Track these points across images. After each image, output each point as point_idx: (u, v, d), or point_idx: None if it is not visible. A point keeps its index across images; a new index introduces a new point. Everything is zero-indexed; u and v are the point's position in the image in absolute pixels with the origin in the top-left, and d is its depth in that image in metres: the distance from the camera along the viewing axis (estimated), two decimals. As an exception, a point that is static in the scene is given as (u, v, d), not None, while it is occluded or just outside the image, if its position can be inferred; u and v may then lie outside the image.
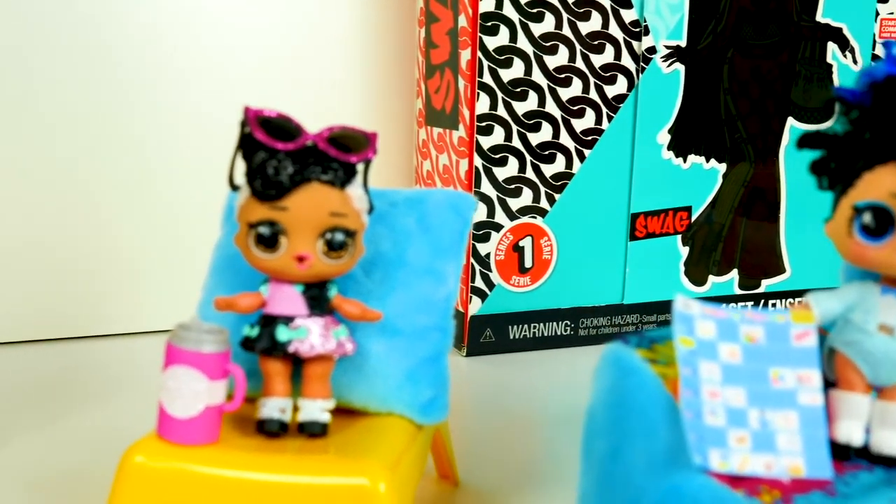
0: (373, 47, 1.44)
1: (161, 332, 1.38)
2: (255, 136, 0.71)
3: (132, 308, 1.36)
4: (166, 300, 1.37)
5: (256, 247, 0.72)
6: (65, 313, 1.33)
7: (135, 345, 1.35)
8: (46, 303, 1.32)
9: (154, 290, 1.37)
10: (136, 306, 1.36)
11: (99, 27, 1.28)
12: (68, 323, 1.33)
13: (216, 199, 1.31)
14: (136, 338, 1.37)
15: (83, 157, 1.31)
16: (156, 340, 1.36)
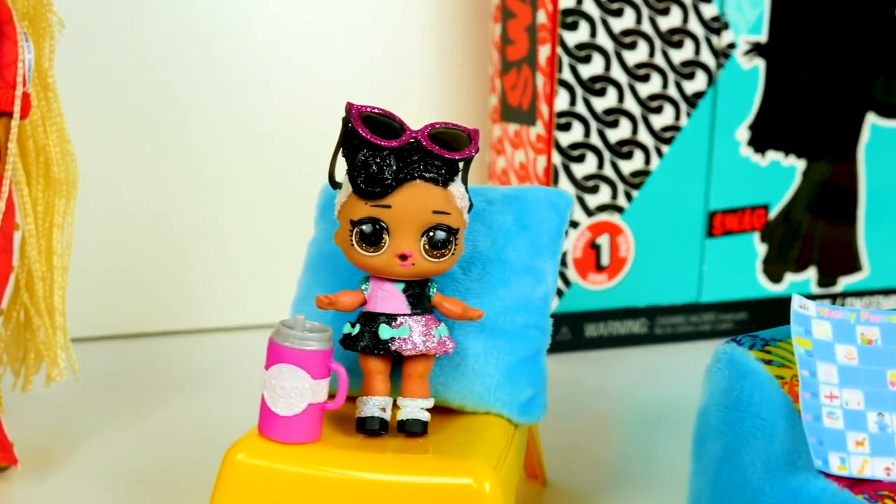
0: (446, 44, 1.44)
1: (247, 328, 1.38)
2: (359, 133, 0.71)
3: (220, 303, 1.37)
4: (254, 296, 1.38)
5: (359, 245, 0.72)
6: (155, 309, 1.34)
7: (224, 340, 1.35)
8: (137, 298, 1.33)
9: (242, 286, 1.38)
10: (224, 302, 1.37)
11: (192, 24, 1.29)
12: (159, 318, 1.34)
13: (304, 195, 1.32)
14: (225, 333, 1.37)
15: (175, 153, 1.32)
16: (243, 336, 1.36)
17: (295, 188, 1.36)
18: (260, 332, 1.37)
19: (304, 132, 1.36)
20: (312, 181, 1.32)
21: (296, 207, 1.35)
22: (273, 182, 1.37)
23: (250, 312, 1.38)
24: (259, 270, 1.38)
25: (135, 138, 1.31)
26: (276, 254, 1.38)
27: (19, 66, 0.85)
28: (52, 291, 0.94)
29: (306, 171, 1.33)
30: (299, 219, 1.26)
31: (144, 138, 1.31)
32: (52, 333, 0.95)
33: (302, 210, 1.25)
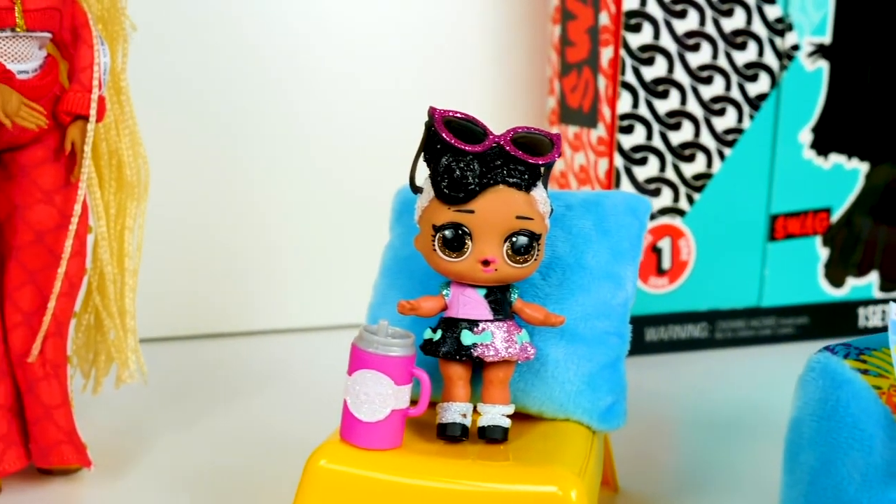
0: (503, 46, 1.43)
1: (313, 330, 1.39)
2: (442, 138, 0.70)
3: (286, 305, 1.38)
4: (319, 297, 1.39)
5: (441, 250, 0.71)
6: (221, 310, 1.35)
7: (290, 341, 1.36)
8: (204, 300, 1.34)
9: (308, 288, 1.38)
10: (289, 303, 1.38)
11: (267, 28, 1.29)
12: (225, 319, 1.35)
13: (369, 197, 1.33)
14: (290, 335, 1.38)
15: (242, 152, 1.33)
16: (309, 337, 1.37)
17: (360, 190, 1.37)
18: (324, 334, 1.38)
19: (367, 135, 1.37)
20: (376, 183, 1.33)
21: (360, 209, 1.36)
22: (339, 183, 1.38)
23: (315, 314, 1.39)
24: (324, 272, 1.39)
25: (201, 138, 1.31)
26: (340, 256, 1.39)
27: (95, 70, 0.85)
28: (124, 294, 0.95)
29: (372, 173, 1.34)
30: (365, 221, 1.29)
31: (212, 138, 1.32)
32: (123, 336, 0.95)
33: (367, 212, 1.26)
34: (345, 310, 1.37)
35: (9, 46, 0.80)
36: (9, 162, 0.85)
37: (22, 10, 0.80)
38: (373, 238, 1.28)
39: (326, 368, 1.23)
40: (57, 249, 0.87)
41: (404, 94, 1.38)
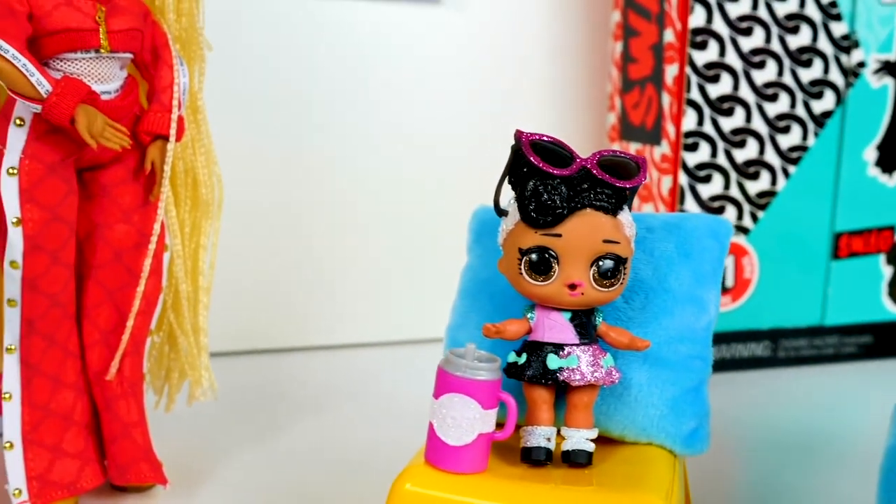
0: (563, 62, 1.43)
1: (383, 345, 1.39)
2: (530, 161, 0.70)
3: (355, 320, 1.38)
4: (389, 312, 1.39)
5: (527, 273, 0.71)
6: (290, 324, 1.36)
7: (359, 356, 1.36)
8: (273, 313, 1.34)
9: (378, 303, 1.39)
10: (358, 318, 1.39)
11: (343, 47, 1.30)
12: (294, 334, 1.36)
13: (440, 214, 1.33)
14: (359, 349, 1.38)
15: (314, 169, 1.34)
16: (378, 352, 1.37)
17: (431, 205, 1.38)
18: (395, 349, 1.38)
19: (436, 152, 1.37)
20: (447, 197, 1.34)
21: (432, 225, 1.38)
22: (409, 199, 1.38)
23: (386, 329, 1.40)
24: (394, 287, 1.39)
25: (274, 153, 1.32)
26: (410, 271, 1.39)
27: (175, 90, 0.86)
28: (197, 312, 0.95)
29: (443, 187, 1.34)
30: (435, 236, 1.32)
31: (285, 154, 1.33)
32: (197, 353, 0.95)
33: (438, 227, 1.28)
34: (413, 324, 1.37)
35: (92, 67, 0.81)
36: (89, 181, 0.86)
37: (106, 32, 0.80)
38: (444, 252, 1.29)
39: (399, 383, 1.23)
40: (135, 268, 0.87)
41: (468, 110, 1.39)
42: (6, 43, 0.76)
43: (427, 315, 1.35)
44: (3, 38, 0.76)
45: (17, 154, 0.80)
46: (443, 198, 1.39)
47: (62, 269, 0.83)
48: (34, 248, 0.81)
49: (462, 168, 1.40)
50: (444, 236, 1.38)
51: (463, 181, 1.39)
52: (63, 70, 0.80)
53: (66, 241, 0.83)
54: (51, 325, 0.84)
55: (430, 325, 1.36)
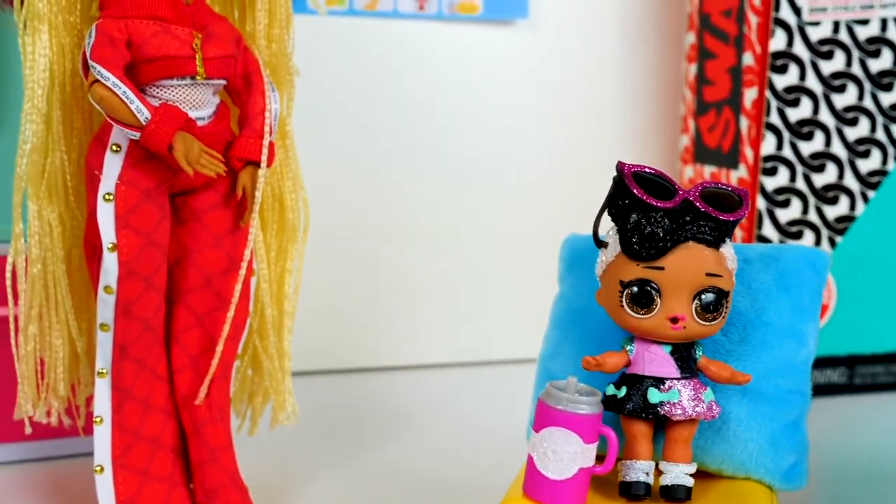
0: (635, 83, 1.42)
1: (465, 365, 1.39)
2: (633, 193, 0.70)
3: (438, 339, 1.38)
4: (472, 332, 1.39)
5: (629, 306, 0.71)
6: (372, 343, 1.36)
7: (439, 376, 1.36)
8: (348, 332, 1.35)
9: (459, 323, 1.39)
10: (441, 338, 1.39)
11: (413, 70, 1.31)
12: (376, 353, 1.36)
13: (513, 238, 1.33)
14: (441, 370, 1.38)
15: (398, 190, 1.34)
16: (459, 372, 1.37)
17: (515, 227, 1.38)
18: (474, 369, 1.38)
19: (513, 175, 1.38)
20: (528, 220, 1.34)
21: (508, 248, 1.38)
22: (486, 223, 1.38)
23: (464, 349, 1.39)
24: (472, 308, 1.39)
25: (353, 173, 1.33)
26: (486, 292, 1.39)
27: (266, 116, 0.86)
28: (282, 336, 0.95)
29: (508, 213, 1.34)
30: (512, 259, 1.35)
31: (363, 174, 1.33)
32: (281, 378, 0.96)
33: (512, 251, 1.31)
34: (495, 345, 1.38)
35: (188, 93, 0.81)
36: (181, 206, 0.86)
37: (202, 59, 0.81)
38: (520, 273, 1.29)
39: (478, 405, 1.23)
40: (224, 293, 0.87)
41: (540, 131, 1.39)
42: (107, 70, 0.76)
43: (505, 336, 1.36)
44: (104, 65, 0.76)
45: (113, 180, 0.80)
46: (516, 218, 1.39)
47: (155, 293, 0.84)
48: (129, 274, 0.81)
49: (534, 189, 1.39)
50: (518, 257, 1.39)
51: (534, 202, 1.39)
52: (159, 96, 0.81)
53: (159, 266, 0.84)
54: (142, 350, 0.84)
55: (508, 346, 1.37)
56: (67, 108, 0.85)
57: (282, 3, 0.90)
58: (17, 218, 0.85)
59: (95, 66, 0.77)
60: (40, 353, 0.88)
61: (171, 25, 0.80)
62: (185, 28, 0.80)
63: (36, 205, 0.84)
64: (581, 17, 1.39)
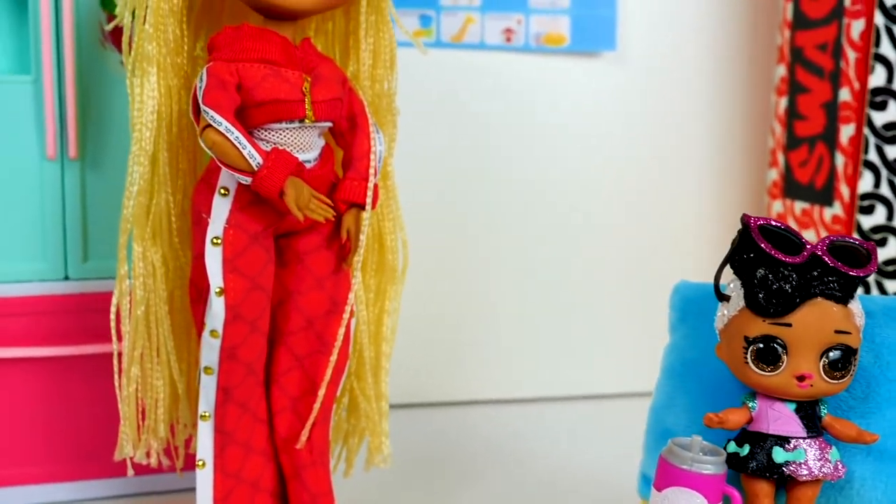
0: (722, 115, 1.40)
1: (549, 400, 1.38)
2: (760, 248, 0.68)
3: (524, 374, 1.37)
4: (555, 366, 1.38)
5: (754, 363, 0.69)
6: (458, 377, 1.35)
7: (526, 411, 1.34)
8: (439, 366, 1.34)
9: (544, 356, 1.37)
10: (527, 372, 1.37)
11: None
12: (462, 387, 1.36)
13: (602, 272, 1.32)
14: (528, 404, 1.37)
15: (484, 226, 1.34)
16: (544, 407, 1.36)
17: (591, 262, 1.37)
18: (572, 404, 1.36)
19: (591, 208, 1.36)
20: (602, 255, 1.32)
21: (596, 281, 1.37)
22: (574, 256, 1.37)
23: (553, 383, 1.38)
24: (569, 340, 1.38)
25: (449, 208, 1.33)
26: (577, 327, 1.38)
27: (371, 159, 0.85)
28: (380, 378, 0.94)
29: (595, 246, 1.33)
30: (600, 293, 1.35)
31: (459, 207, 1.33)
32: (378, 420, 0.94)
33: (601, 285, 1.33)
34: (579, 379, 1.37)
35: (296, 136, 0.81)
36: (284, 248, 0.85)
37: (311, 102, 0.80)
38: (611, 307, 1.28)
39: (583, 442, 1.21)
40: (325, 335, 0.86)
41: (626, 164, 1.37)
42: (219, 115, 0.76)
43: (601, 369, 1.35)
44: (217, 110, 0.76)
45: (221, 224, 0.80)
46: (606, 250, 1.37)
47: (259, 336, 0.83)
48: (235, 318, 0.80)
49: (621, 220, 1.38)
50: (611, 289, 1.38)
51: (622, 233, 1.38)
52: (267, 139, 0.80)
53: (264, 309, 0.83)
54: (245, 393, 0.84)
55: (604, 379, 1.36)
56: (174, 149, 0.84)
57: (386, 44, 0.89)
58: (123, 259, 0.85)
59: (208, 111, 0.76)
60: (141, 394, 0.87)
61: (282, 69, 0.79)
62: (295, 71, 0.80)
63: (140, 246, 0.84)
64: (668, 49, 1.37)
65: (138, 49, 0.81)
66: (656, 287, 1.39)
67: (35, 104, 0.93)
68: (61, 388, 0.97)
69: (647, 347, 1.39)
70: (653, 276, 1.38)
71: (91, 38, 0.95)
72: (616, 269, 1.38)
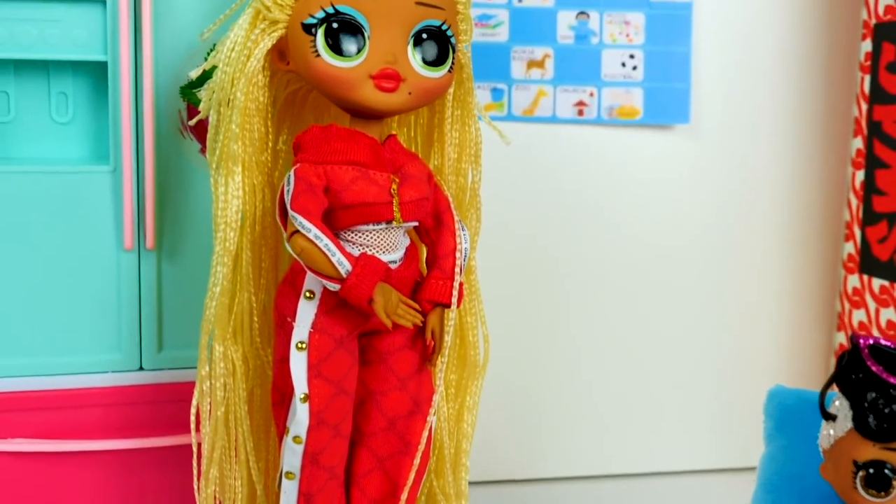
0: (796, 187, 1.38)
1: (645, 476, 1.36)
2: (871, 371, 0.65)
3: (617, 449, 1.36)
4: (650, 442, 1.37)
5: (864, 489, 0.66)
6: (556, 452, 1.34)
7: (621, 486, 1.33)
8: (530, 441, 1.33)
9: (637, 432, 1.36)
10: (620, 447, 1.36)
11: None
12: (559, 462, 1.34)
13: (673, 347, 1.33)
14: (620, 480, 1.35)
15: (551, 297, 1.32)
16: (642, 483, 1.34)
17: (663, 337, 1.35)
18: (661, 480, 1.34)
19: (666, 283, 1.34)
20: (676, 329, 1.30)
21: (681, 357, 1.36)
22: (657, 332, 1.36)
23: (648, 459, 1.37)
24: (634, 419, 1.36)
25: (518, 281, 1.31)
26: (648, 402, 1.36)
27: (457, 257, 0.83)
28: (460, 476, 0.92)
29: (667, 322, 1.30)
30: (672, 369, 1.34)
31: (529, 280, 1.32)
32: (458, 518, 0.92)
33: (673, 360, 1.32)
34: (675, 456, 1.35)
35: (382, 238, 0.79)
36: (366, 347, 0.84)
37: (399, 203, 0.78)
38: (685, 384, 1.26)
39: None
40: (407, 436, 0.84)
41: (698, 238, 1.35)
42: (308, 221, 0.74)
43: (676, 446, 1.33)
44: (305, 216, 0.74)
45: (306, 328, 0.78)
46: (677, 326, 1.35)
47: (341, 440, 0.81)
48: (319, 423, 0.79)
49: (695, 295, 1.36)
50: (686, 365, 1.36)
51: (694, 307, 1.35)
52: (353, 241, 0.78)
53: (347, 412, 0.81)
54: (326, 497, 0.82)
55: (667, 459, 1.34)
56: (256, 247, 0.83)
57: (472, 138, 0.87)
58: (203, 361, 0.83)
59: (296, 217, 0.74)
60: (220, 494, 0.85)
61: (370, 170, 0.78)
62: (383, 173, 0.78)
63: (222, 346, 0.82)
64: (742, 122, 1.35)
65: (224, 149, 0.80)
66: (735, 359, 1.37)
67: (113, 195, 0.93)
68: (135, 480, 0.96)
69: (726, 423, 1.37)
70: (731, 349, 1.37)
71: (170, 126, 0.94)
72: (693, 342, 1.36)
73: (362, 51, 0.76)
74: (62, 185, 0.91)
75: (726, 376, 1.38)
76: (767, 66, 1.34)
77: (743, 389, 1.36)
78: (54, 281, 0.92)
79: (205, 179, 0.85)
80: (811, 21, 1.34)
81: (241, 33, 0.79)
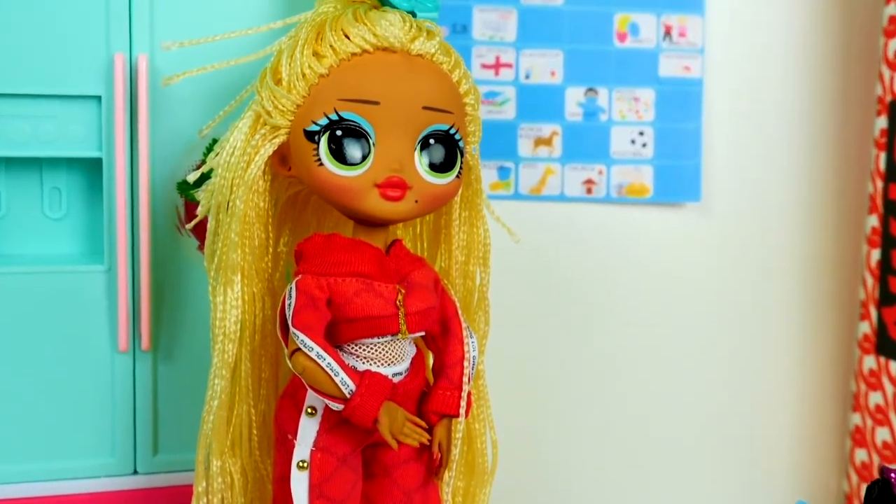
0: (810, 265, 1.35)
1: None
2: (903, 506, 0.62)
3: None
4: None
5: None
6: None
7: None
8: None
9: None
10: None
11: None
12: None
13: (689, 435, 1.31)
14: None
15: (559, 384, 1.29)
16: None
17: (688, 427, 1.32)
18: None
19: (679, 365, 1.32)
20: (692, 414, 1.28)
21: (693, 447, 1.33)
22: (670, 421, 1.32)
23: None
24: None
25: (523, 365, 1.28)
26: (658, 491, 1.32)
27: (465, 366, 0.80)
28: (468, 586, 0.88)
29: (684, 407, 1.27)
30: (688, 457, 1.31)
31: (534, 367, 1.28)
32: None
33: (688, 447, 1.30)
34: None
35: (388, 350, 0.76)
36: (370, 460, 0.80)
37: (405, 315, 0.75)
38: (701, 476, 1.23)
39: None
40: (413, 550, 0.81)
41: (711, 319, 1.32)
42: (310, 340, 0.71)
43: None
44: (307, 333, 0.71)
45: (308, 447, 0.75)
46: (691, 407, 1.32)
47: (344, 557, 0.78)
48: (321, 544, 0.75)
49: (705, 375, 1.32)
50: (692, 447, 1.33)
51: (706, 389, 1.32)
52: (357, 354, 0.75)
53: (350, 531, 0.78)
54: None
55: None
56: (256, 357, 0.80)
57: (480, 240, 0.84)
58: (200, 476, 0.80)
59: (298, 335, 0.71)
60: None
61: (374, 282, 0.74)
62: (389, 284, 0.75)
63: (219, 460, 0.79)
64: (754, 199, 1.32)
65: (222, 257, 0.77)
66: (745, 441, 1.34)
67: (108, 294, 0.89)
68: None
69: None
70: (742, 430, 1.34)
71: (167, 223, 0.91)
72: (706, 421, 1.33)
73: (367, 158, 0.73)
74: (55, 285, 0.88)
75: (741, 455, 1.34)
76: (780, 142, 1.31)
77: (757, 468, 1.33)
78: (46, 383, 0.89)
79: (202, 277, 0.82)
80: (825, 97, 1.32)
81: (241, 137, 0.76)
